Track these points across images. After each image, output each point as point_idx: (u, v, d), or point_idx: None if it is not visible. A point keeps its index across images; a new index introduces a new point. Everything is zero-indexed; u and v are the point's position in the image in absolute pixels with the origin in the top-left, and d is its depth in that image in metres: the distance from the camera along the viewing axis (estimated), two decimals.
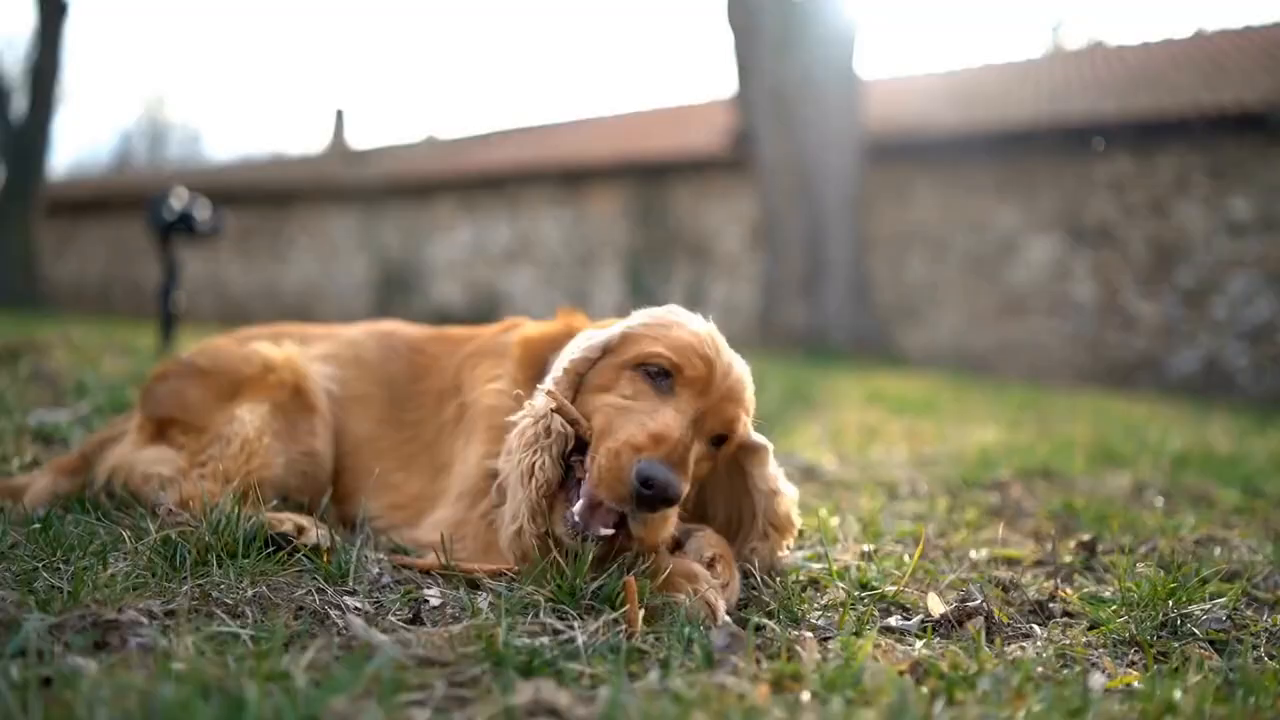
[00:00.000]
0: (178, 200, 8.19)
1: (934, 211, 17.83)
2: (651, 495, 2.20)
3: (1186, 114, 15.60)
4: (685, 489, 2.26)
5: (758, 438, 2.68)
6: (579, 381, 2.54)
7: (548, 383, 2.52)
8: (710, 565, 2.46)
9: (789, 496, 2.73)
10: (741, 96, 16.84)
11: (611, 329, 2.60)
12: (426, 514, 2.82)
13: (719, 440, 2.53)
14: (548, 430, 2.42)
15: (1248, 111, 15.14)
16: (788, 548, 2.75)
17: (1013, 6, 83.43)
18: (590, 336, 2.62)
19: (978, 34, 75.58)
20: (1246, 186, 15.42)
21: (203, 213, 8.26)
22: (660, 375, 2.44)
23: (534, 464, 2.39)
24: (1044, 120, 16.87)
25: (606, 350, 2.55)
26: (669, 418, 2.33)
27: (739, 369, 2.56)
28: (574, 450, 2.43)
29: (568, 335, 2.83)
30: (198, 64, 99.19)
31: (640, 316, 2.63)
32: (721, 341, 2.56)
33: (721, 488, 2.75)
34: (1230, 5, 77.14)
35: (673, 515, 2.33)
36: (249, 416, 2.87)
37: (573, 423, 2.40)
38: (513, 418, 2.55)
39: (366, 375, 3.16)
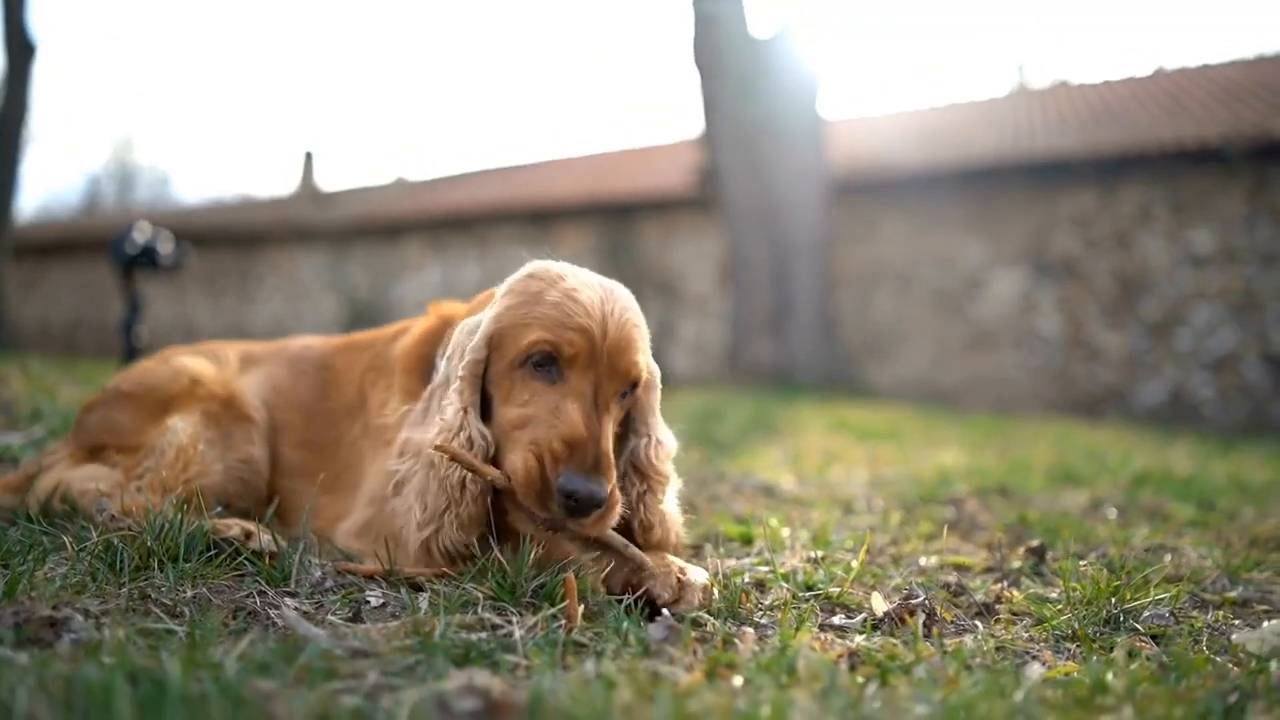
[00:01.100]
0: (140, 234, 8.13)
1: (901, 248, 17.94)
2: (578, 506, 2.23)
3: (1148, 149, 15.79)
4: (609, 486, 2.27)
5: (650, 368, 2.60)
6: (481, 383, 2.51)
7: (451, 397, 2.49)
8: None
9: (668, 446, 2.65)
10: (707, 135, 16.91)
11: (486, 317, 2.54)
12: (339, 524, 2.81)
13: (628, 389, 2.48)
14: (469, 441, 2.42)
15: (1206, 146, 15.33)
16: (666, 502, 2.62)
17: (977, 49, 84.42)
18: (470, 329, 2.57)
19: (943, 76, 76.29)
20: (1207, 219, 15.61)
21: (165, 247, 8.20)
22: (545, 364, 2.40)
23: (463, 479, 2.40)
24: (1008, 156, 17.02)
25: (491, 347, 2.50)
26: (572, 415, 2.31)
27: (620, 313, 2.44)
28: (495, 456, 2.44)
29: (444, 329, 2.82)
30: (166, 107, 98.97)
31: (506, 297, 2.54)
32: (591, 291, 2.46)
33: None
34: (1188, 45, 78.27)
35: (614, 510, 2.33)
36: (182, 425, 2.86)
37: (470, 469, 2.38)
38: (420, 435, 2.54)
39: (284, 402, 3.13)
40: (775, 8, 20.60)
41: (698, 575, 2.43)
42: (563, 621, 2.12)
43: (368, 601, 2.29)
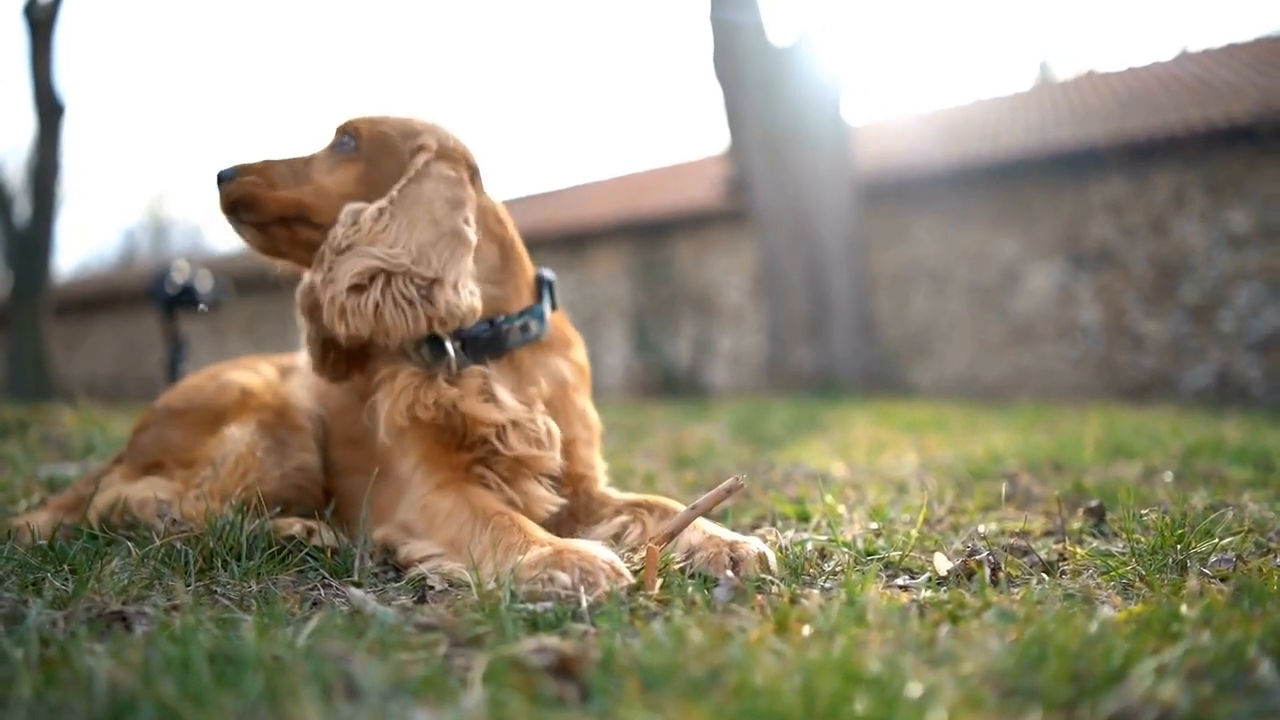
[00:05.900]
0: (179, 274, 8.23)
1: (934, 247, 17.88)
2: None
3: (1177, 132, 15.65)
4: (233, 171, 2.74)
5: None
6: None
7: None
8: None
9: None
10: (733, 146, 16.91)
11: None
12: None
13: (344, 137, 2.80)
14: None
15: (1237, 125, 15.18)
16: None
17: (999, 44, 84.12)
18: None
19: (966, 72, 75.97)
20: (1242, 199, 15.45)
21: (204, 285, 8.30)
22: None
23: None
24: (1037, 149, 16.93)
25: None
26: None
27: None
28: None
29: None
30: (195, 157, 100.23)
31: None
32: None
33: None
34: (1212, 25, 77.63)
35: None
36: (239, 434, 2.87)
37: None
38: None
39: (326, 403, 3.13)
40: (794, 15, 20.60)
41: (753, 544, 2.39)
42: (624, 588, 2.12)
43: (431, 586, 2.30)
